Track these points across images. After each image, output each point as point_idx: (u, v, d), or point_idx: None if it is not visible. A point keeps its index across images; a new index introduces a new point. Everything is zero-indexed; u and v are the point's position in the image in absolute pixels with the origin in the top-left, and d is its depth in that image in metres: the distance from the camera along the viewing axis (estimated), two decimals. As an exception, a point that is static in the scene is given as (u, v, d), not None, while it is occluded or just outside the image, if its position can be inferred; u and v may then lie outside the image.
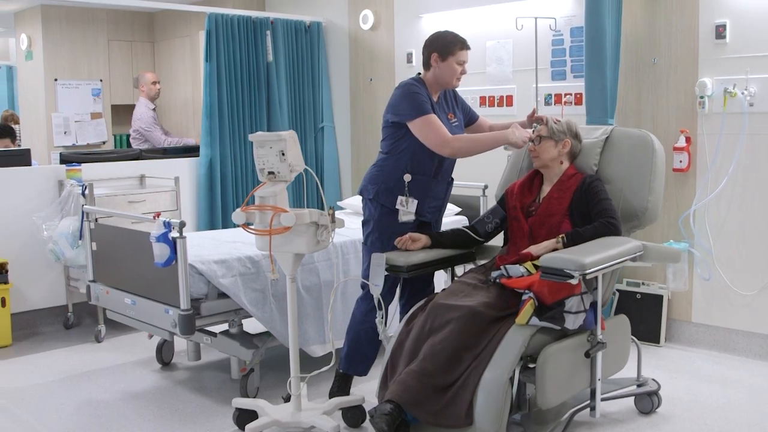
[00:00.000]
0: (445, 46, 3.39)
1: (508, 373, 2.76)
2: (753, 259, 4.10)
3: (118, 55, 7.33)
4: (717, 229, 4.21)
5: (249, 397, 3.56)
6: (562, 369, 2.89)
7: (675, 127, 4.31)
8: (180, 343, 4.30)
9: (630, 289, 4.50)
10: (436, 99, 3.46)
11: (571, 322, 2.87)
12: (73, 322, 4.94)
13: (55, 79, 6.89)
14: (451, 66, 3.39)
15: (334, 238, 3.12)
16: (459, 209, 4.64)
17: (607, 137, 3.45)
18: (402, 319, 3.21)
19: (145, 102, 6.63)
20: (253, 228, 3.03)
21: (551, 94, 4.78)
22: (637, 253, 3.03)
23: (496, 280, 3.08)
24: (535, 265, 3.02)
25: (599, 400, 3.06)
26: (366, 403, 3.31)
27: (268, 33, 5.77)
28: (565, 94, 4.71)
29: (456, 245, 3.46)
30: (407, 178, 3.36)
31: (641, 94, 4.43)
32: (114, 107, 7.35)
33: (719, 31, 4.08)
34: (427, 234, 3.41)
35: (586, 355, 2.95)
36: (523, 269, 3.04)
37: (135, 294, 3.71)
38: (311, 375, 3.28)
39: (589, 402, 3.08)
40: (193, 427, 3.40)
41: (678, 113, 4.30)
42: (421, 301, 3.20)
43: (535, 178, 3.41)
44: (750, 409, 3.48)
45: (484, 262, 3.44)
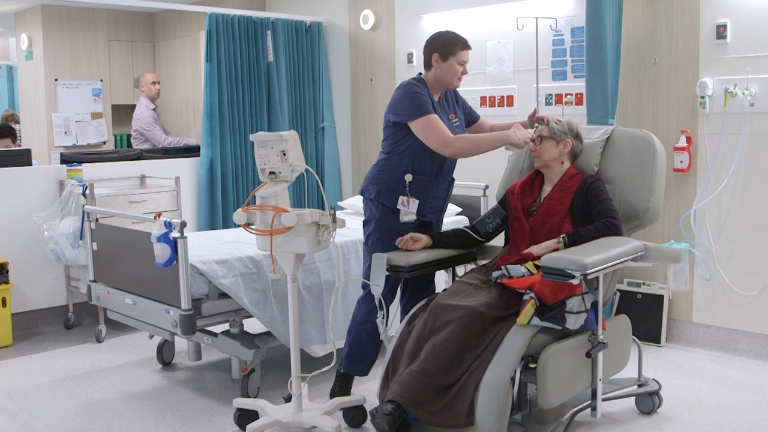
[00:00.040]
0: (446, 46, 3.39)
1: (509, 373, 2.76)
2: (754, 259, 4.10)
3: (119, 55, 7.33)
4: (718, 229, 4.21)
5: (250, 398, 3.56)
6: (563, 369, 2.89)
7: (676, 127, 4.31)
8: (181, 343, 4.31)
9: (631, 289, 4.50)
10: (437, 99, 3.46)
11: (573, 323, 2.87)
12: (74, 322, 4.95)
13: (56, 79, 6.89)
14: (452, 66, 3.39)
15: (335, 238, 3.12)
16: (460, 209, 4.64)
17: (608, 137, 3.45)
18: (403, 319, 3.21)
19: (145, 102, 6.64)
20: (255, 228, 3.03)
21: (552, 95, 4.78)
22: (638, 253, 3.03)
23: (498, 281, 3.08)
24: (536, 265, 3.02)
25: (600, 400, 3.06)
26: (367, 403, 3.32)
27: (269, 33, 5.77)
28: (566, 95, 4.71)
29: (457, 245, 3.46)
30: (408, 178, 3.36)
31: (642, 94, 4.43)
32: (114, 107, 7.35)
33: (720, 31, 4.08)
34: (428, 234, 3.41)
35: (587, 355, 2.95)
36: (524, 269, 3.04)
37: (136, 294, 3.71)
38: (312, 375, 3.28)
39: (590, 402, 3.08)
40: (193, 427, 3.40)
41: (679, 113, 4.30)
42: (422, 302, 3.20)
43: (536, 178, 3.41)
44: (751, 409, 3.47)
45: (485, 263, 3.44)
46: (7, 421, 3.49)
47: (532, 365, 2.89)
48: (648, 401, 3.42)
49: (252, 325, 3.85)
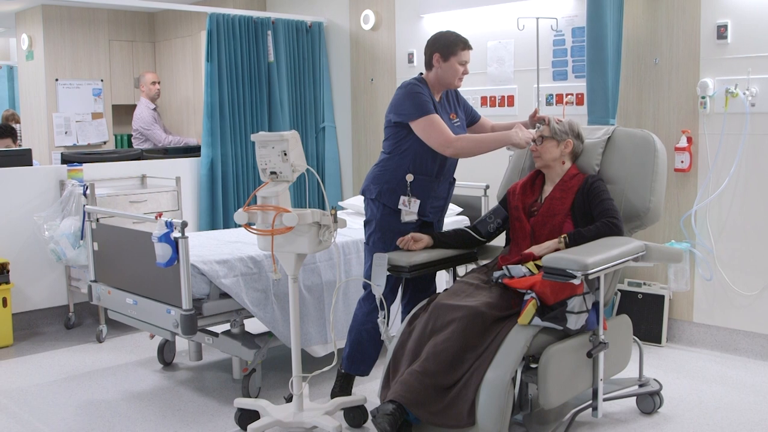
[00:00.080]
0: (447, 46, 3.39)
1: (510, 373, 2.76)
2: (754, 259, 4.10)
3: (119, 55, 7.33)
4: (718, 229, 4.21)
5: (251, 397, 3.55)
6: (564, 369, 2.89)
7: (676, 127, 4.31)
8: (181, 343, 4.31)
9: (631, 289, 4.50)
10: (438, 99, 3.46)
11: (574, 323, 2.87)
12: (75, 322, 4.95)
13: (56, 79, 6.89)
14: (453, 66, 3.39)
15: (336, 238, 3.12)
16: (460, 209, 4.64)
17: (609, 137, 3.45)
18: (404, 319, 3.21)
19: (145, 102, 6.65)
20: (256, 228, 3.03)
21: (552, 95, 4.77)
22: (639, 253, 3.03)
23: (499, 281, 3.08)
24: (537, 265, 3.02)
25: (601, 400, 3.06)
26: (368, 403, 3.32)
27: (270, 33, 5.77)
28: (567, 95, 4.71)
29: (458, 245, 3.45)
30: (409, 178, 3.36)
31: (642, 95, 4.43)
32: (115, 107, 7.35)
33: (721, 32, 4.08)
34: (429, 234, 3.41)
35: (588, 355, 2.95)
36: (525, 269, 3.03)
37: (136, 294, 3.71)
38: (313, 375, 3.28)
39: (591, 402, 3.08)
40: (194, 427, 3.40)
41: (679, 113, 4.30)
42: (423, 301, 3.20)
43: (536, 178, 3.41)
44: (752, 409, 3.48)
45: (486, 263, 3.44)
46: (7, 421, 3.49)
47: (533, 365, 2.89)
48: (649, 401, 3.42)
49: (253, 325, 3.85)
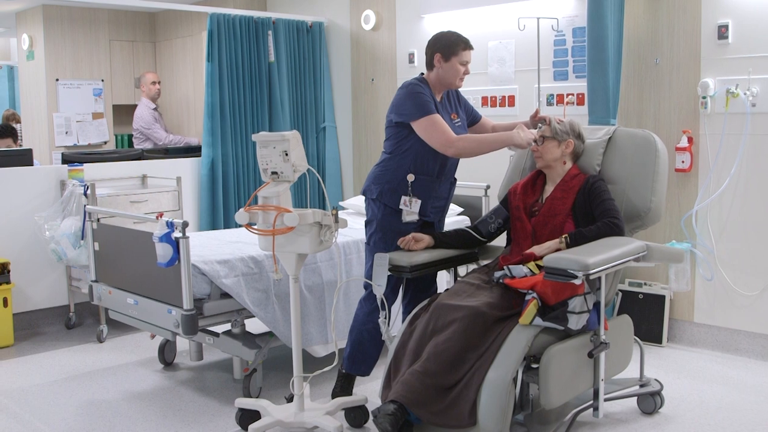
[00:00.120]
0: (448, 46, 3.39)
1: (511, 373, 2.76)
2: (755, 259, 4.10)
3: (120, 55, 7.33)
4: (719, 229, 4.21)
5: (252, 398, 3.55)
6: (565, 369, 2.89)
7: (677, 127, 4.31)
8: (182, 344, 4.30)
9: (632, 289, 4.50)
10: (440, 99, 3.46)
11: (575, 323, 2.87)
12: (75, 322, 4.95)
13: (57, 79, 6.89)
14: (454, 66, 3.39)
15: (337, 238, 3.12)
16: (461, 209, 4.64)
17: (609, 137, 3.45)
18: (405, 319, 3.21)
19: (146, 102, 6.65)
20: (257, 228, 3.03)
21: (553, 95, 4.77)
22: (641, 253, 3.03)
23: (500, 281, 3.08)
24: (538, 265, 3.02)
25: (602, 401, 3.06)
26: (369, 404, 3.32)
27: (270, 33, 5.77)
28: (567, 95, 4.71)
29: (459, 245, 3.45)
30: (410, 178, 3.36)
31: (643, 95, 4.43)
32: (115, 107, 7.35)
33: (722, 32, 4.08)
34: (430, 234, 3.41)
35: (590, 355, 2.95)
36: (526, 269, 3.04)
37: (137, 294, 3.71)
38: (314, 375, 3.29)
39: (592, 402, 3.08)
40: (195, 427, 3.40)
41: (680, 113, 4.30)
42: (424, 302, 3.20)
43: (538, 179, 3.41)
44: (753, 409, 3.47)
45: (487, 263, 3.44)
46: (8, 421, 3.49)
47: (535, 365, 2.89)
48: (650, 401, 3.42)
49: (254, 325, 3.85)
